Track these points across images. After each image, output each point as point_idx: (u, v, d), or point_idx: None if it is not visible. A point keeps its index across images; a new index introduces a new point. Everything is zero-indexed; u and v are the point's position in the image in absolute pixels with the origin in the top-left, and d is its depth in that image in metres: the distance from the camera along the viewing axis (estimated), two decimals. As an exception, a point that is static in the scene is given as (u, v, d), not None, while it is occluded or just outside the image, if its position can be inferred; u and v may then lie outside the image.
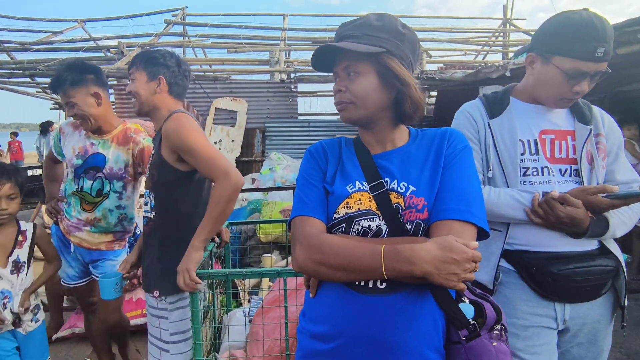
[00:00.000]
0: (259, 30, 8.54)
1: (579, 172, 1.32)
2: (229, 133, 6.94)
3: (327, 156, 1.06)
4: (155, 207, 1.62)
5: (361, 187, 0.98)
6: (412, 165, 1.00)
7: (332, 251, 0.88)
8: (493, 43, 10.05)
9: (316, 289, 1.00)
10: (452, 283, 0.81)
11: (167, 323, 1.62)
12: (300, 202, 1.00)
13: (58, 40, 9.04)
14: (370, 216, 0.95)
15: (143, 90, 1.67)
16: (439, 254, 0.81)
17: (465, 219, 0.90)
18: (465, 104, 1.49)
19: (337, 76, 1.01)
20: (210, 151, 1.53)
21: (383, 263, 0.83)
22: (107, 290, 1.70)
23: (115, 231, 2.13)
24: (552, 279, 1.25)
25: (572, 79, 1.25)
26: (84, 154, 2.08)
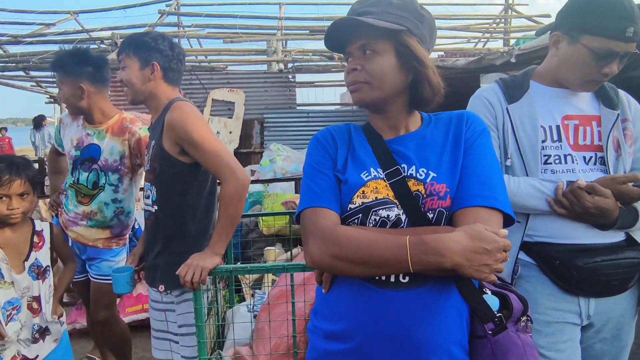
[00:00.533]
0: (255, 19, 8.37)
1: (605, 160, 1.25)
2: (226, 124, 6.83)
3: (336, 143, 0.99)
4: (158, 201, 1.55)
5: (377, 175, 0.92)
6: (429, 149, 0.93)
7: (351, 244, 0.81)
8: (494, 30, 9.90)
9: (330, 285, 0.93)
10: (484, 274, 0.75)
11: (174, 315, 1.57)
12: (311, 193, 0.92)
13: (51, 33, 8.85)
14: (388, 205, 0.88)
15: (136, 78, 1.58)
16: (470, 244, 0.74)
17: (492, 205, 0.85)
18: (480, 88, 1.42)
19: (351, 55, 0.95)
20: (216, 147, 1.46)
21: (409, 255, 0.77)
22: (122, 284, 1.64)
23: (111, 226, 2.04)
24: (577, 273, 1.18)
25: (602, 60, 1.18)
26: (80, 144, 2.02)
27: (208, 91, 6.86)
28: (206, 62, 7.68)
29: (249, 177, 1.49)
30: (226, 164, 1.44)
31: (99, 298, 2.07)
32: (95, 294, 2.07)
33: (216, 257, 1.40)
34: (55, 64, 1.99)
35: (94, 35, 8.37)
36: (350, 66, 0.94)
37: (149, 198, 1.59)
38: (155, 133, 1.58)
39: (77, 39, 8.03)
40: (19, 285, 1.65)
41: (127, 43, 1.61)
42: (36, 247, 1.72)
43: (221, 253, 1.43)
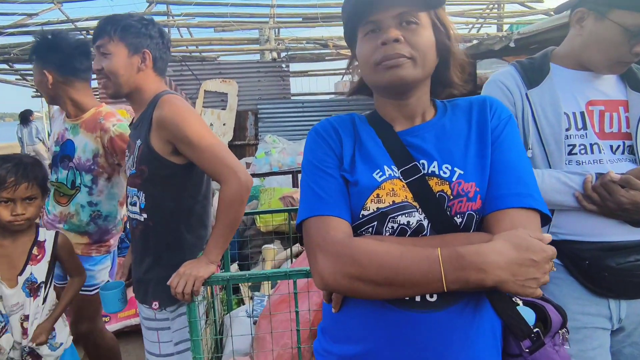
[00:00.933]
0: (246, 7, 8.12)
1: (634, 149, 1.14)
2: (220, 116, 6.65)
3: (340, 136, 0.85)
4: (147, 208, 1.39)
5: (392, 174, 0.78)
6: (451, 142, 0.80)
7: (373, 262, 0.68)
8: (488, 15, 9.74)
9: (340, 305, 0.81)
10: (530, 290, 0.64)
11: (169, 334, 1.43)
12: (315, 197, 0.78)
13: (33, 23, 8.53)
14: (408, 210, 0.75)
15: (124, 67, 1.39)
16: (515, 255, 0.63)
17: (529, 205, 0.73)
18: (496, 72, 1.29)
19: (378, 26, 0.78)
20: (214, 145, 1.30)
21: (443, 273, 0.64)
22: (113, 302, 1.49)
23: (89, 232, 1.88)
24: (609, 274, 1.08)
25: (634, 38, 1.05)
26: (60, 140, 1.88)
27: (200, 82, 6.66)
28: (197, 52, 7.45)
29: (252, 178, 1.35)
30: (226, 163, 1.29)
31: (79, 310, 1.92)
32: (75, 305, 1.90)
33: (211, 265, 1.26)
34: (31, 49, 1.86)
35: (79, 26, 8.09)
36: (387, 36, 0.76)
37: (135, 205, 1.43)
38: (140, 132, 1.41)
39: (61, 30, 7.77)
40: (8, 301, 1.49)
41: (110, 25, 1.39)
42: (33, 260, 1.55)
43: (217, 261, 1.29)
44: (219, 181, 1.32)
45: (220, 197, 1.31)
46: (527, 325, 0.73)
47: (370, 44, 0.79)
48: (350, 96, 0.97)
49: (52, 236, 1.63)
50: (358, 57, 0.83)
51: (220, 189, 1.31)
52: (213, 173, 1.33)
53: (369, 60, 0.79)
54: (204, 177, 1.47)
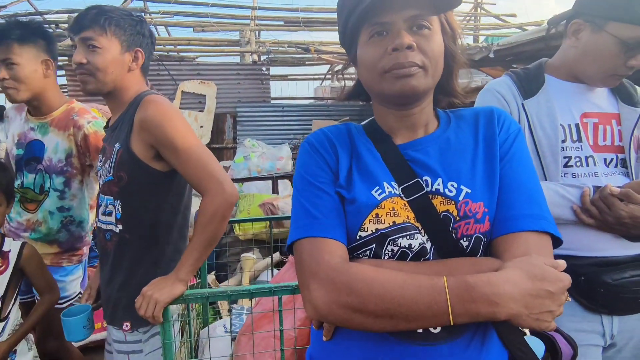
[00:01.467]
0: (227, 8, 8.00)
1: (627, 162, 1.14)
2: (197, 118, 6.48)
3: (336, 149, 0.77)
4: (123, 219, 1.27)
5: (392, 192, 0.71)
6: (457, 157, 0.74)
7: (373, 292, 0.61)
8: (464, 27, 10.01)
9: (333, 333, 0.73)
10: (545, 324, 0.58)
11: (141, 357, 1.30)
12: (308, 216, 0.70)
13: (1, 16, 8.14)
14: (409, 232, 0.68)
15: (113, 64, 1.27)
16: (530, 286, 0.57)
17: (543, 228, 0.67)
18: (491, 81, 1.27)
19: (387, 29, 0.71)
20: (201, 153, 1.20)
21: (450, 305, 0.58)
22: (77, 330, 1.31)
23: (59, 240, 1.74)
24: (605, 290, 1.05)
25: (630, 51, 1.04)
26: (23, 141, 1.71)
27: (177, 83, 6.48)
28: (175, 52, 7.26)
29: (237, 193, 1.24)
30: (212, 174, 1.19)
31: (47, 325, 1.76)
32: (44, 320, 1.73)
33: (179, 284, 1.15)
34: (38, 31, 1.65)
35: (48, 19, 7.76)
36: (400, 41, 0.68)
37: (110, 215, 1.30)
38: (120, 135, 1.29)
39: (30, 24, 7.42)
40: None
41: (101, 18, 1.27)
42: None
43: (187, 280, 1.17)
44: (202, 192, 1.21)
45: (201, 210, 1.20)
46: (537, 358, 0.68)
47: (377, 48, 0.71)
48: (343, 101, 0.89)
49: (18, 247, 1.50)
50: (360, 61, 0.76)
51: (202, 201, 1.20)
52: (196, 183, 1.22)
53: (375, 67, 0.72)
54: (187, 186, 1.36)
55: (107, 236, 1.32)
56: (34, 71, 1.62)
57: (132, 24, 1.32)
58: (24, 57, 1.59)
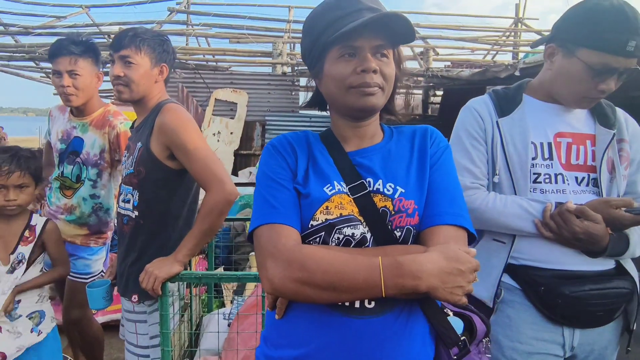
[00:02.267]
0: (263, 21, 8.36)
1: (598, 181, 1.18)
2: (228, 125, 6.80)
3: (295, 151, 0.90)
4: (139, 206, 1.48)
5: (340, 189, 0.84)
6: (395, 164, 0.88)
7: (320, 267, 0.73)
8: (504, 42, 9.84)
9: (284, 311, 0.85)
10: (457, 297, 0.71)
11: (145, 327, 1.50)
12: (268, 207, 0.82)
13: (61, 25, 8.90)
14: (353, 223, 0.81)
15: (144, 77, 1.51)
16: (445, 264, 0.70)
17: (459, 223, 0.81)
18: (472, 99, 1.35)
19: (357, 52, 0.83)
20: (208, 155, 1.40)
21: (383, 279, 0.70)
22: (97, 299, 1.55)
23: (89, 223, 1.99)
24: (562, 302, 1.11)
25: (598, 76, 1.10)
26: (66, 138, 1.99)
27: (211, 91, 6.83)
28: (213, 62, 7.66)
29: (237, 192, 1.43)
30: (215, 173, 1.38)
31: (72, 296, 2.01)
32: (69, 291, 2.02)
33: (176, 264, 1.33)
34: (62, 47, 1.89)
35: (103, 30, 8.41)
36: (367, 65, 0.81)
37: (129, 202, 1.51)
38: (142, 135, 1.51)
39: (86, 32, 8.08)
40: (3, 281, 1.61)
41: (137, 39, 1.51)
42: (24, 242, 1.67)
43: (184, 261, 1.36)
44: (205, 189, 1.40)
45: (203, 204, 1.39)
46: (456, 334, 0.79)
47: (346, 66, 0.82)
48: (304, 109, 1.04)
49: (42, 222, 1.74)
50: (328, 74, 0.86)
51: (205, 196, 1.40)
52: (201, 180, 1.41)
53: (343, 82, 0.83)
54: (194, 184, 1.56)
55: (125, 220, 1.53)
56: (90, 82, 1.92)
57: (160, 44, 1.56)
58: (85, 69, 1.89)
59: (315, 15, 0.88)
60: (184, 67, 6.66)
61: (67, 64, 1.85)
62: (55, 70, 1.87)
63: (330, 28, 0.83)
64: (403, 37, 0.85)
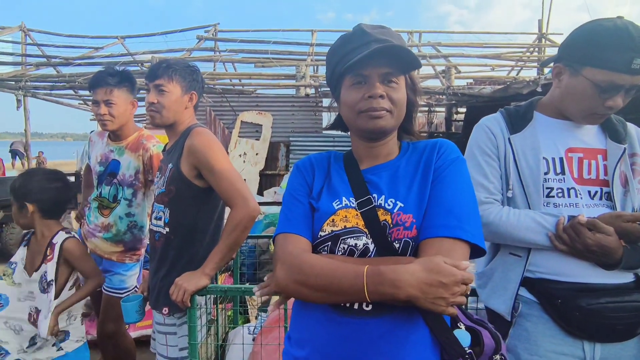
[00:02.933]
0: (286, 45, 8.68)
1: (611, 195, 1.19)
2: (253, 146, 7.00)
3: (314, 171, 1.02)
4: (170, 223, 1.58)
5: (348, 204, 0.93)
6: (400, 180, 0.94)
7: (313, 272, 0.83)
8: (527, 58, 9.76)
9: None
10: (440, 307, 0.75)
11: (175, 339, 1.57)
12: (285, 219, 0.95)
13: (98, 55, 9.53)
14: (356, 234, 0.89)
15: (175, 104, 1.65)
16: (425, 276, 0.75)
17: (456, 235, 0.84)
18: (484, 117, 1.39)
19: (366, 80, 0.92)
20: (233, 175, 1.51)
21: (365, 285, 0.77)
22: (131, 313, 1.67)
23: (124, 240, 2.12)
24: (580, 314, 1.11)
25: (605, 93, 1.13)
26: (104, 161, 2.15)
27: (237, 113, 7.09)
28: (239, 85, 7.98)
29: (259, 209, 1.52)
30: (240, 192, 1.48)
31: (108, 310, 2.12)
32: (105, 305, 2.13)
33: (204, 277, 1.41)
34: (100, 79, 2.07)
35: (137, 58, 8.95)
36: (373, 91, 0.89)
37: (160, 219, 1.62)
38: (173, 157, 1.63)
39: (121, 62, 8.62)
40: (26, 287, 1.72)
41: (169, 69, 1.66)
42: (46, 260, 1.76)
43: (211, 275, 1.44)
44: (230, 206, 1.50)
45: (228, 220, 1.48)
46: (459, 345, 0.83)
47: (357, 93, 0.92)
48: (329, 130, 1.13)
49: (61, 239, 1.79)
50: (343, 101, 0.97)
51: (230, 213, 1.49)
52: (227, 198, 1.51)
53: (354, 107, 0.92)
54: (220, 202, 1.66)
55: (157, 236, 1.63)
56: (125, 109, 2.09)
57: (190, 74, 1.70)
58: (120, 98, 2.07)
59: (332, 49, 0.98)
60: (211, 92, 6.97)
61: (104, 94, 2.03)
62: (94, 100, 2.07)
63: (343, 60, 0.93)
64: (410, 65, 0.93)
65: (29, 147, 9.17)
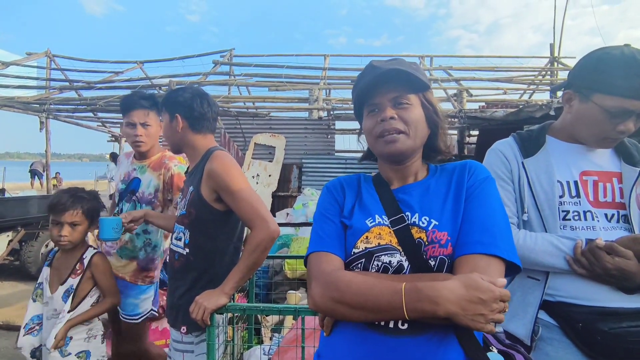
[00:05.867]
0: (300, 70, 8.89)
1: (629, 218, 1.20)
2: (266, 168, 7.09)
3: (345, 190, 1.05)
4: (190, 244, 1.62)
5: (381, 222, 0.95)
6: (432, 198, 0.96)
7: (350, 289, 0.84)
8: (540, 82, 9.79)
9: (331, 329, 0.95)
10: (479, 325, 0.75)
11: (192, 357, 1.59)
12: (317, 237, 0.97)
13: (118, 80, 9.88)
14: (390, 251, 0.91)
15: (167, 131, 1.74)
16: (464, 293, 0.75)
17: (491, 252, 0.85)
18: (497, 141, 1.42)
19: (377, 107, 0.98)
20: (252, 197, 1.54)
21: (404, 302, 0.78)
22: (107, 230, 1.75)
23: (139, 258, 2.14)
24: (602, 339, 1.10)
25: (616, 118, 1.16)
26: (127, 179, 2.21)
27: (248, 136, 7.22)
28: (253, 109, 8.16)
29: (279, 230, 1.54)
30: (259, 213, 1.50)
31: (124, 334, 2.16)
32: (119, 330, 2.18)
33: (223, 296, 1.43)
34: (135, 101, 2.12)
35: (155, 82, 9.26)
36: (384, 115, 0.95)
37: (180, 240, 1.66)
38: (194, 180, 1.67)
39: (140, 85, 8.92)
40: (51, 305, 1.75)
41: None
42: (74, 274, 1.82)
43: (230, 294, 1.46)
44: (250, 227, 1.53)
45: (248, 241, 1.50)
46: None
47: (372, 120, 0.99)
48: (361, 161, 1.18)
49: (90, 254, 1.88)
50: (364, 130, 1.04)
51: (250, 234, 1.52)
52: (247, 220, 1.54)
53: (371, 133, 0.99)
54: (239, 223, 1.69)
55: (176, 256, 1.67)
56: (156, 131, 2.18)
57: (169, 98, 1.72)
58: (153, 120, 2.15)
59: (353, 87, 1.06)
60: (226, 115, 7.14)
61: (142, 117, 2.10)
62: (130, 122, 2.11)
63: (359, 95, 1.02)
64: (418, 85, 0.97)
65: (48, 167, 9.42)
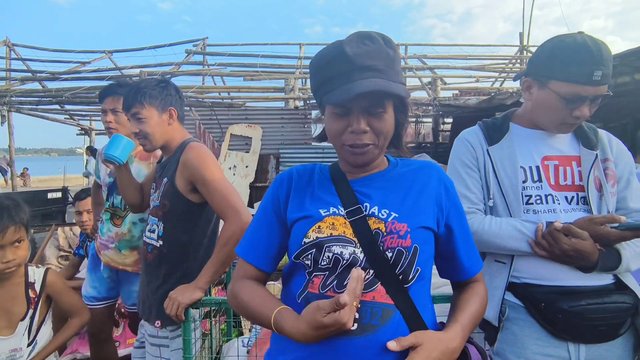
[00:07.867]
0: (275, 59, 8.79)
1: (587, 199, 1.26)
2: (243, 159, 7.02)
3: (291, 183, 1.00)
4: (163, 237, 1.59)
5: (336, 212, 0.92)
6: (393, 191, 0.95)
7: (240, 305, 0.97)
8: (510, 70, 10.03)
9: None
10: None
11: (168, 352, 1.58)
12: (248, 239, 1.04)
13: (85, 70, 9.49)
14: (343, 242, 0.88)
15: (157, 127, 1.64)
16: (312, 333, 0.81)
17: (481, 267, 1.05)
18: (464, 130, 1.46)
19: (348, 112, 0.88)
20: (226, 188, 1.52)
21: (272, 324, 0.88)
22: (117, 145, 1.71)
23: (139, 247, 2.07)
24: (562, 316, 1.16)
25: (571, 104, 1.21)
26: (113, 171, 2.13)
27: (226, 127, 7.12)
28: (228, 99, 8.03)
29: None
30: (232, 205, 1.48)
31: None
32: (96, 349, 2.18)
33: (198, 291, 1.42)
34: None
35: (125, 73, 8.94)
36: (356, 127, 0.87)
37: (154, 232, 1.63)
38: (168, 171, 1.64)
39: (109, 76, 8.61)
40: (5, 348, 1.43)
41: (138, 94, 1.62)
42: (33, 303, 1.50)
43: (205, 288, 1.45)
44: (224, 219, 1.51)
45: (221, 233, 1.50)
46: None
47: (339, 124, 0.89)
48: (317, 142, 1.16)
49: (41, 274, 1.57)
50: (326, 127, 0.95)
51: (223, 226, 1.50)
52: (220, 211, 1.53)
53: (338, 138, 0.91)
54: (214, 216, 1.68)
55: (149, 249, 1.64)
56: None
57: (161, 91, 1.66)
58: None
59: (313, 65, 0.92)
60: (200, 105, 7.00)
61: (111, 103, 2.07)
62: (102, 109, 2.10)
63: (324, 86, 0.88)
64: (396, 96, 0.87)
65: (13, 163, 9.03)
